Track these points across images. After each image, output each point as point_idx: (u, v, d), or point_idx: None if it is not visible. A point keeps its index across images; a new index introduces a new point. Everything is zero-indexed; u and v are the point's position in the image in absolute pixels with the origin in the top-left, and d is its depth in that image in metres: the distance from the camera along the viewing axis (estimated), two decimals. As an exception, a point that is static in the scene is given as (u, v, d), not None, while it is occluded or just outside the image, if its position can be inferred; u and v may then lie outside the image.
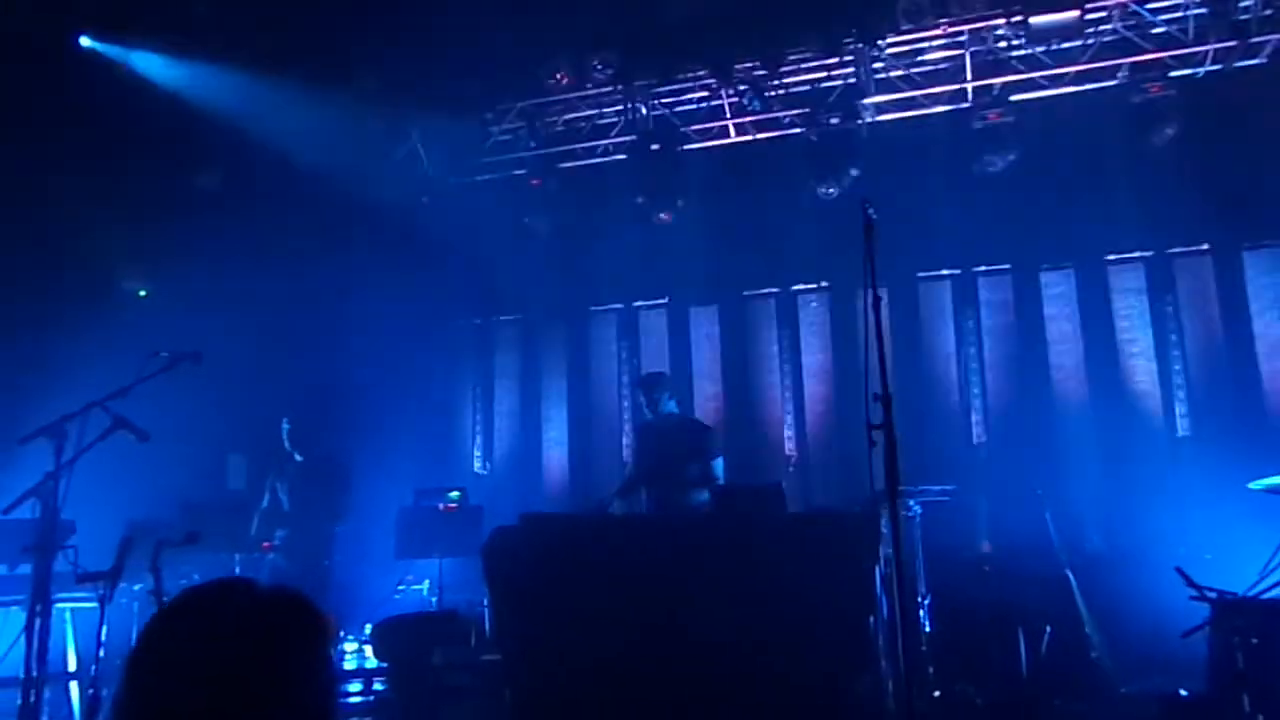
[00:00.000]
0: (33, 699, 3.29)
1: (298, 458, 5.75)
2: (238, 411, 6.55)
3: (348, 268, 6.66)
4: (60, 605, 4.44)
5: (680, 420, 5.39)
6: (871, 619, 4.11)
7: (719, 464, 5.23)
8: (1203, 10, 5.77)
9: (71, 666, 4.68)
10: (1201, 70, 5.86)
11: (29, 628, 3.35)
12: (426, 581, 6.13)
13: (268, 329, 6.62)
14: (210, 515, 5.05)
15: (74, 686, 4.67)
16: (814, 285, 6.91)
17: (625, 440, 7.04)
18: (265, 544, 5.45)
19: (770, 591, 4.12)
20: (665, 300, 7.23)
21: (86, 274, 6.45)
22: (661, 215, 6.72)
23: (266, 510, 5.64)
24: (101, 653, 3.54)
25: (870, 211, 3.21)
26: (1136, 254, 6.37)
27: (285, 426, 5.73)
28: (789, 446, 6.75)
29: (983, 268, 6.62)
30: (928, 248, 6.29)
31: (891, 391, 3.04)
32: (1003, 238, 6.33)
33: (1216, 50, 5.81)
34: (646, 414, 5.36)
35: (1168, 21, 5.88)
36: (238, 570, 5.38)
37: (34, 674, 3.32)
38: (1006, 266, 6.56)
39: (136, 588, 4.49)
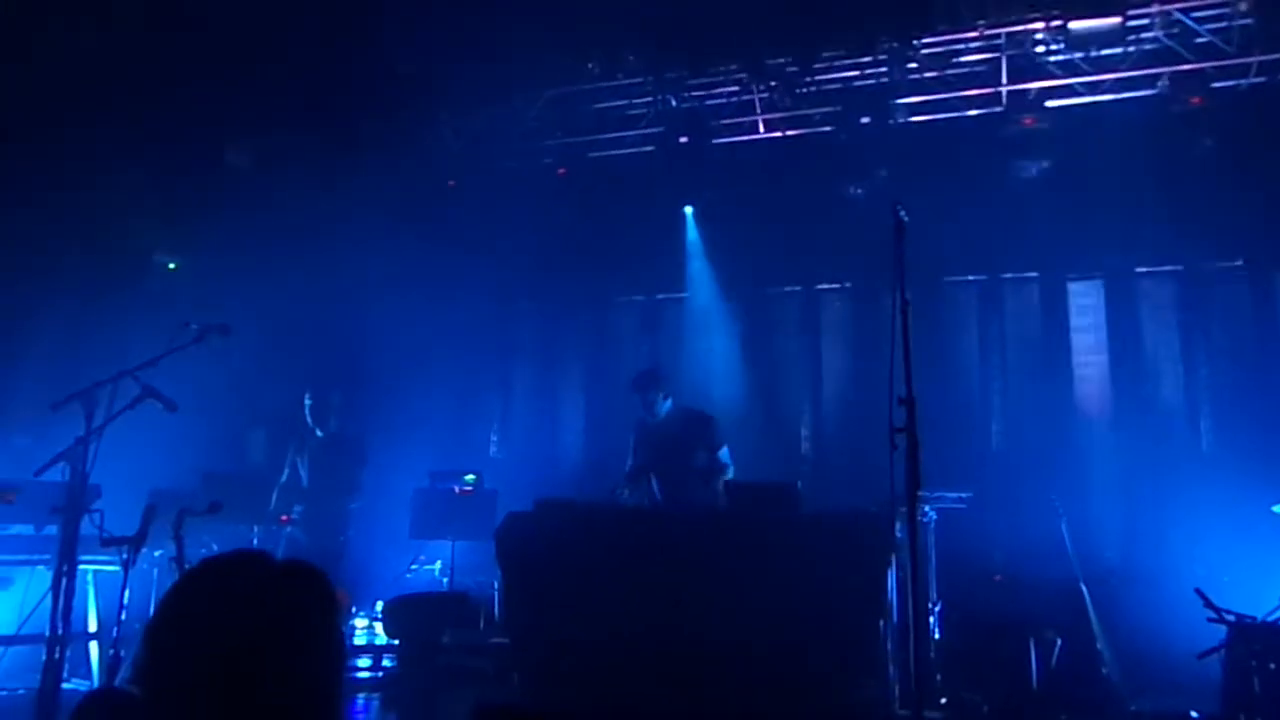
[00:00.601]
0: (56, 655, 3.34)
1: (318, 433, 5.76)
2: (260, 386, 6.62)
3: (373, 249, 6.64)
4: (84, 567, 4.50)
5: (679, 412, 5.32)
6: (881, 623, 4.13)
7: (725, 452, 5.18)
8: (1249, 21, 5.64)
9: (92, 627, 4.76)
10: (1244, 82, 5.74)
11: (55, 587, 3.40)
12: (439, 562, 6.21)
13: (294, 306, 6.64)
14: (231, 487, 5.05)
15: (94, 646, 4.76)
16: (837, 285, 6.88)
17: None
18: (284, 518, 5.50)
19: (781, 589, 4.14)
20: (686, 294, 7.20)
21: (120, 246, 6.52)
22: (686, 208, 6.72)
23: (285, 484, 5.68)
24: (123, 615, 3.60)
25: (901, 213, 3.19)
26: (1167, 267, 6.27)
27: (307, 401, 5.74)
28: (805, 446, 6.74)
29: (1010, 274, 6.55)
30: (955, 251, 6.21)
31: (916, 395, 3.02)
32: (1032, 245, 6.25)
33: (1261, 63, 5.68)
34: (645, 416, 5.30)
35: (1212, 31, 5.76)
36: (255, 542, 5.45)
37: (59, 632, 3.37)
38: (1034, 274, 6.48)
39: (158, 554, 4.54)
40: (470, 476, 6.19)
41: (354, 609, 5.78)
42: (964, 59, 6.17)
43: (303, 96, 6.45)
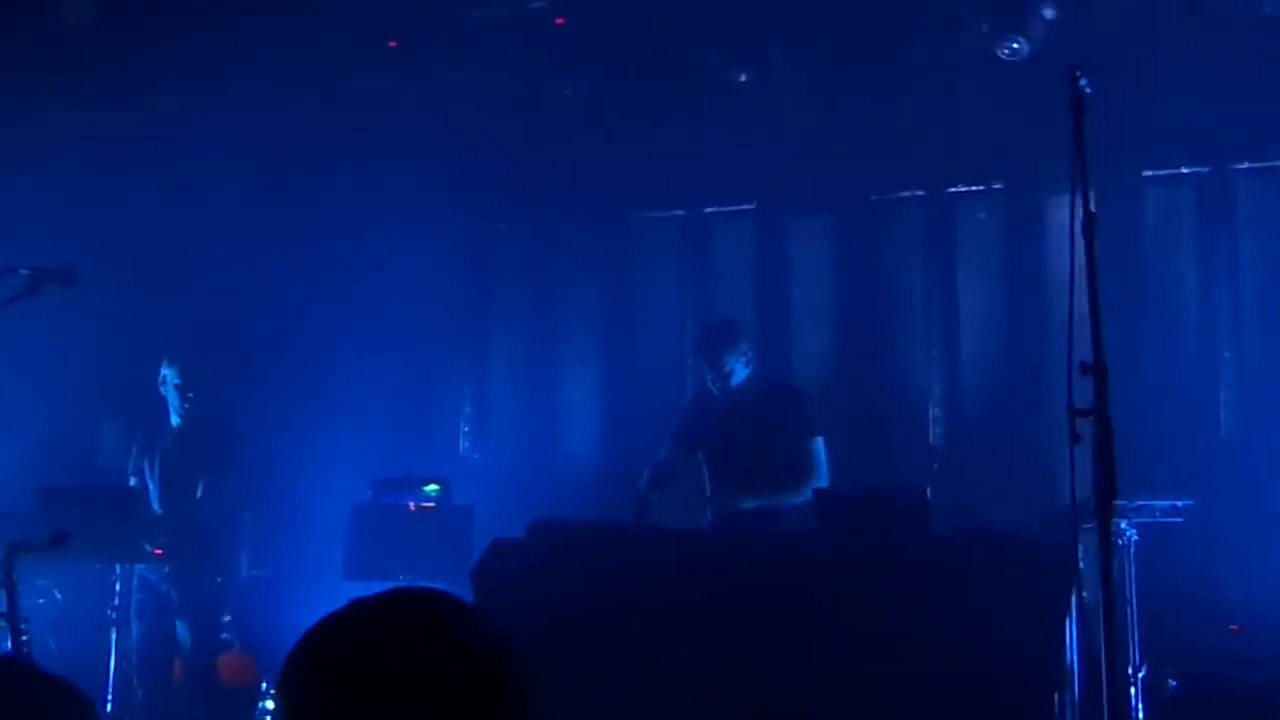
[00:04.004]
0: None
1: (175, 423, 5.88)
2: (117, 357, 6.68)
3: (275, 148, 6.69)
4: None
5: (758, 384, 5.43)
6: (1057, 697, 4.13)
7: (820, 445, 5.25)
8: None
9: None
10: None
11: None
12: (389, 614, 6.25)
13: (161, 237, 6.70)
14: (80, 509, 5.15)
15: None
16: (981, 187, 6.80)
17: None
18: (156, 551, 5.59)
19: (902, 650, 4.13)
20: (751, 206, 7.20)
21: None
22: (742, 76, 6.61)
23: (139, 498, 5.86)
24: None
25: (1082, 82, 3.20)
26: None
27: (170, 377, 5.82)
28: (935, 432, 6.70)
29: (1246, 164, 6.44)
30: (1161, 134, 6.16)
31: (1108, 359, 3.01)
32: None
33: None
34: (712, 390, 5.39)
35: None
36: (117, 587, 5.55)
37: None
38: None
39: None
40: (432, 487, 6.25)
41: (264, 685, 5.87)
42: None
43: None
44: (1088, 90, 3.20)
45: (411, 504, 6.17)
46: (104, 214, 6.48)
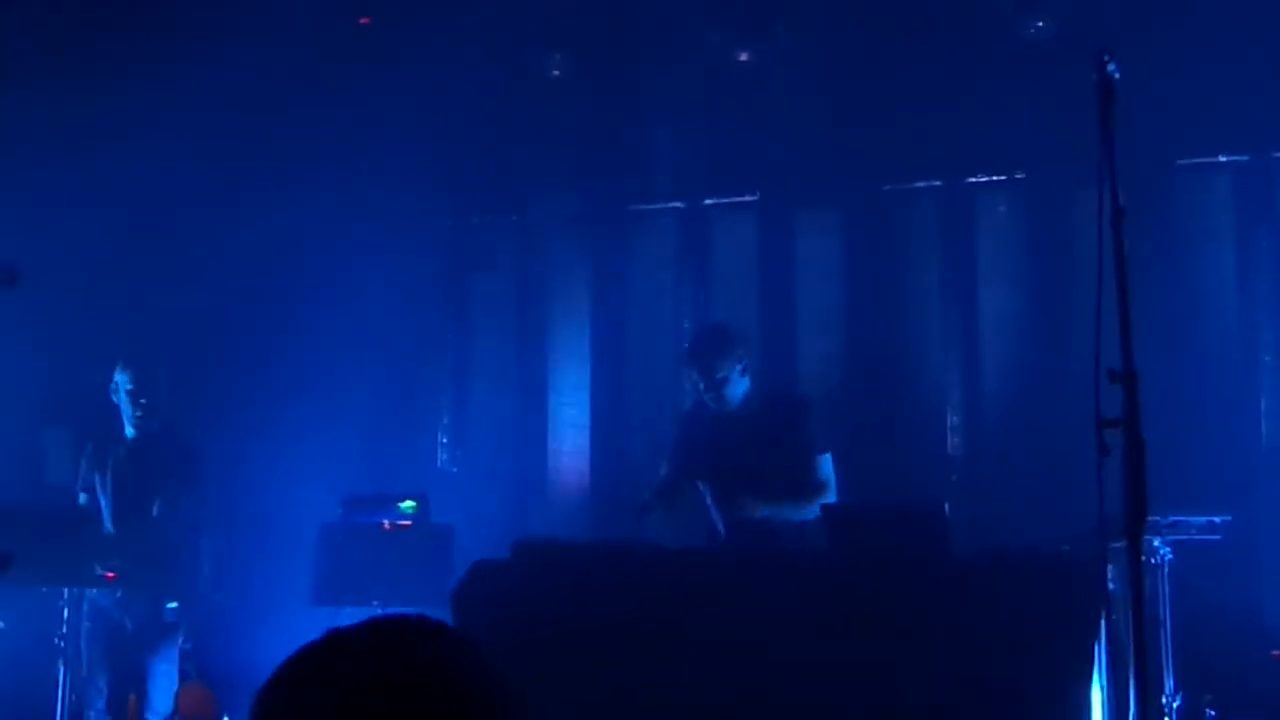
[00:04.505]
0: None
1: (129, 434, 5.87)
2: (63, 363, 6.67)
3: (242, 141, 6.72)
4: None
5: (759, 398, 5.44)
6: (1085, 730, 4.18)
7: (827, 462, 5.26)
8: None
9: None
10: None
11: None
12: (361, 641, 6.23)
13: (118, 235, 6.71)
14: (25, 527, 5.20)
15: None
16: (1002, 177, 6.80)
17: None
18: (108, 574, 5.61)
19: (920, 680, 4.09)
20: (754, 197, 7.19)
21: None
22: (744, 55, 6.58)
23: (89, 517, 5.88)
24: None
25: (1111, 66, 3.21)
26: None
27: (123, 383, 5.84)
28: (953, 442, 6.72)
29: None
30: (1196, 120, 6.14)
31: (1138, 365, 3.03)
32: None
33: None
34: (706, 402, 5.38)
35: None
36: (66, 613, 5.53)
37: None
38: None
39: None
40: (408, 503, 6.22)
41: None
42: None
43: None
44: (1116, 75, 3.21)
45: (385, 522, 6.16)
46: (50, 210, 6.45)
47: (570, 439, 7.31)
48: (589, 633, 4.43)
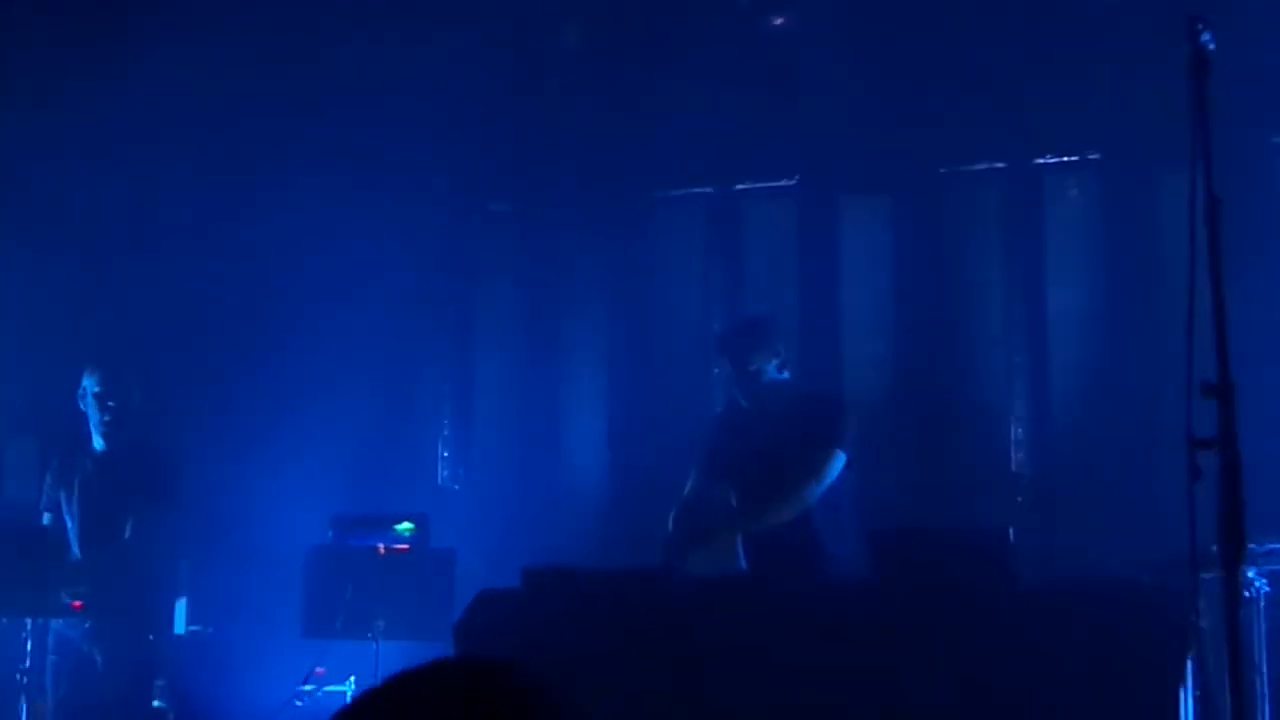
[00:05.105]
0: None
1: (97, 448, 5.88)
2: (28, 366, 6.74)
3: (231, 130, 6.78)
4: None
5: (793, 392, 5.48)
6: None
7: (836, 458, 5.30)
8: None
9: None
10: None
11: None
12: (352, 679, 6.21)
13: (94, 231, 6.82)
14: None
15: None
16: (1074, 158, 6.76)
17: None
18: (75, 603, 5.63)
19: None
20: (792, 182, 7.16)
21: None
22: (777, 20, 6.58)
23: (54, 539, 5.91)
24: None
25: (1204, 35, 3.21)
26: None
27: (90, 387, 5.86)
28: (1018, 458, 6.68)
29: None
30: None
31: (1235, 376, 3.04)
32: None
33: None
34: (736, 397, 5.41)
35: None
36: (29, 646, 5.53)
37: None
38: None
39: None
40: (406, 525, 6.22)
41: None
42: None
43: None
44: (1211, 46, 3.19)
45: (381, 546, 6.16)
46: (21, 209, 6.47)
47: (586, 453, 7.33)
48: (607, 671, 4.39)
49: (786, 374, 5.46)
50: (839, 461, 5.27)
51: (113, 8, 6.75)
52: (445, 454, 7.53)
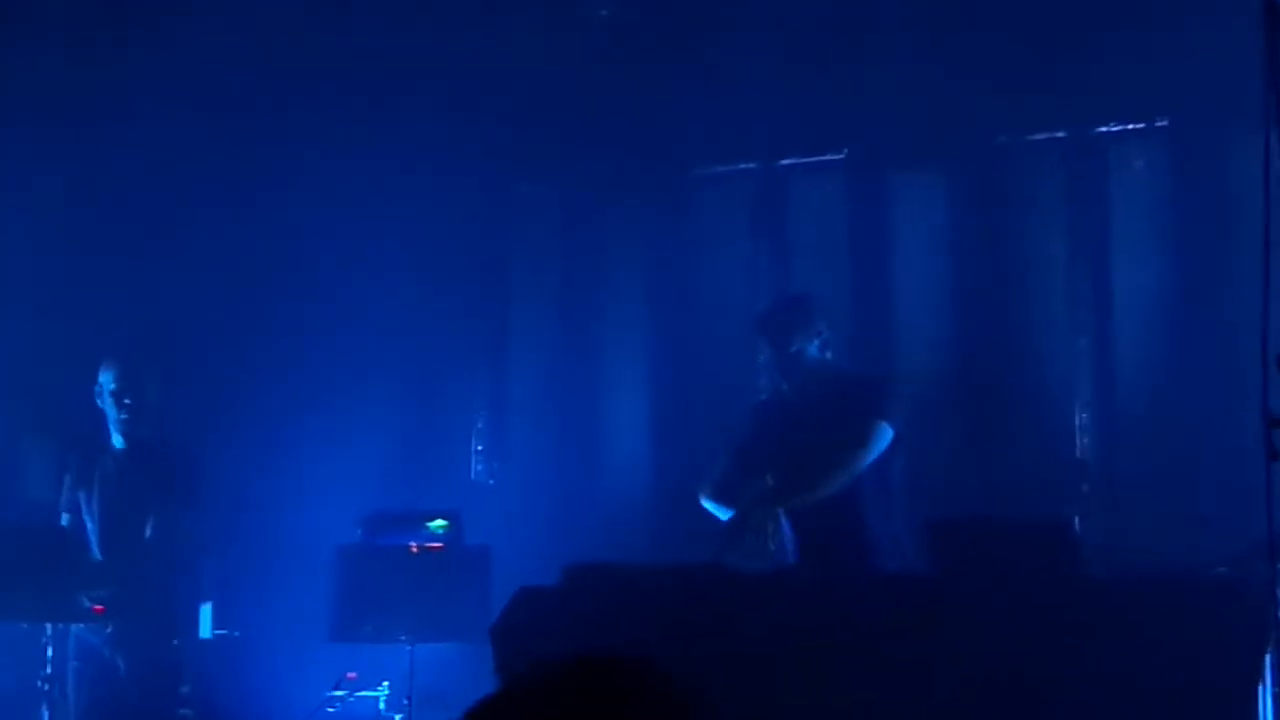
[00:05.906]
0: None
1: (116, 445, 5.92)
2: (46, 363, 6.74)
3: (249, 109, 6.83)
4: None
5: (836, 375, 5.51)
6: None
7: (885, 430, 5.33)
8: None
9: None
10: None
11: None
12: (386, 684, 6.27)
13: (109, 219, 6.83)
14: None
15: None
16: (1140, 125, 6.74)
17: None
18: (96, 607, 5.70)
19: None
20: (840, 155, 7.17)
21: None
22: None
23: (74, 540, 5.96)
24: None
25: None
26: None
27: (106, 384, 5.91)
28: (1083, 444, 6.65)
29: None
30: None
31: None
32: None
33: None
34: (779, 382, 5.50)
35: None
36: (50, 652, 5.58)
37: None
38: None
39: None
40: (439, 523, 6.25)
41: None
42: None
43: None
44: None
45: (413, 544, 6.18)
46: (31, 193, 6.52)
47: (626, 445, 7.34)
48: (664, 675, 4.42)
49: (830, 354, 5.48)
50: (886, 434, 5.29)
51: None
52: (479, 447, 7.56)
